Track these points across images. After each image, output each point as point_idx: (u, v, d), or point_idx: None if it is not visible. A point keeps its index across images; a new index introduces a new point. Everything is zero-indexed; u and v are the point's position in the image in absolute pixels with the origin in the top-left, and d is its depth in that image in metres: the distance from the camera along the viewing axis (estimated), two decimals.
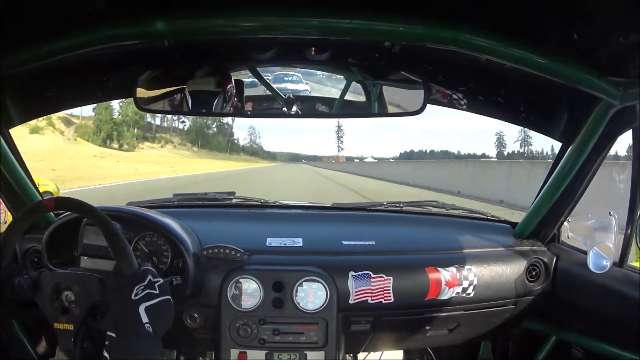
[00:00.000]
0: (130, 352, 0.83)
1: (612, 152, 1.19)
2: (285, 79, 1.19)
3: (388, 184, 18.21)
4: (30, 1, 0.80)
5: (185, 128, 72.81)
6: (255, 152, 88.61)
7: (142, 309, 0.84)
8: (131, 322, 0.83)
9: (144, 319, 0.83)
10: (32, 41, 0.87)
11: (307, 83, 1.20)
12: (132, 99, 1.11)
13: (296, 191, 13.11)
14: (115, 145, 54.36)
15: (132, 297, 0.85)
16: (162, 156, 51.53)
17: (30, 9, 0.81)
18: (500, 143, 74.14)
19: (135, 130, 62.08)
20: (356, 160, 70.42)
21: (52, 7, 0.82)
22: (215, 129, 78.02)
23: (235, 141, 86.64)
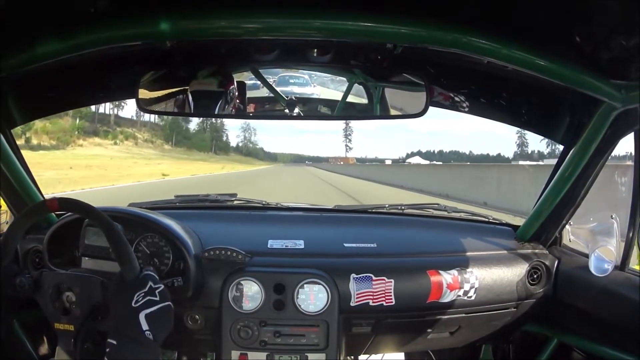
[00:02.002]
0: (130, 359, 0.83)
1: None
2: (291, 81, 1.19)
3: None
4: (32, 1, 0.80)
5: (163, 122, 61.26)
6: (250, 152, 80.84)
7: (142, 316, 0.84)
8: (131, 330, 0.83)
9: (144, 326, 0.83)
10: (34, 42, 0.86)
11: (314, 86, 1.19)
12: None
13: None
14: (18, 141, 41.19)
15: (133, 304, 0.85)
16: (96, 157, 38.26)
17: (32, 9, 0.81)
18: (522, 143, 70.37)
19: (78, 121, 49.13)
20: (403, 162, 60.76)
21: (53, 8, 0.82)
22: (203, 125, 66.93)
23: (224, 139, 77.32)
